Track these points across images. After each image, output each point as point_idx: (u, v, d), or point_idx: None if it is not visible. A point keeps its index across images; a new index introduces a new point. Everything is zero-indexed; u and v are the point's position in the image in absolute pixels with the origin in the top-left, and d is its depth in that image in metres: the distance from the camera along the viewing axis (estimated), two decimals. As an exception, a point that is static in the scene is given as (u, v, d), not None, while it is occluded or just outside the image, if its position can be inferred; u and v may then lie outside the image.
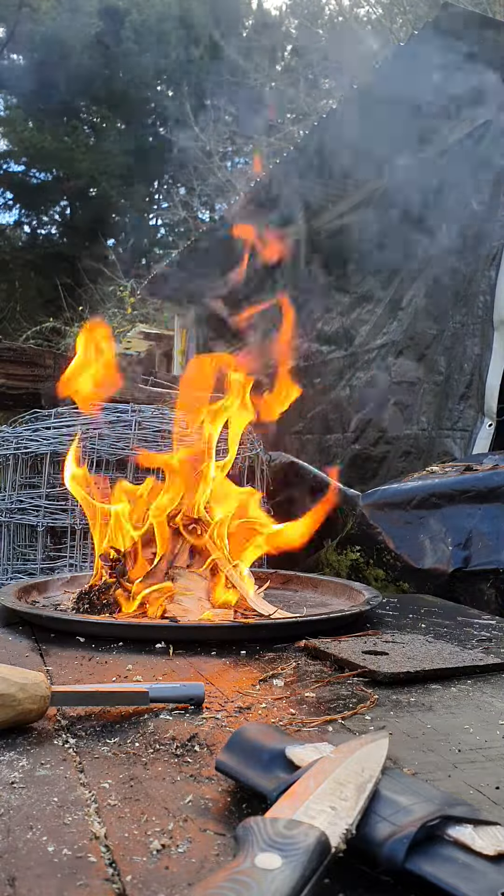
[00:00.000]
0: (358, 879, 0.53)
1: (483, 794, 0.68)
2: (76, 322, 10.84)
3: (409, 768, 0.73)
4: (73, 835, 0.58)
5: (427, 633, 1.31)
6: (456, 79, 3.06)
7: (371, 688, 1.00)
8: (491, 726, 0.87)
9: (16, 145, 15.85)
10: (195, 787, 0.68)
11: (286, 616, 1.39)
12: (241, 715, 0.88)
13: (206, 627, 1.27)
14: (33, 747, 0.77)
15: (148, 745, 0.78)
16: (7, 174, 16.73)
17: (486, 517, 2.11)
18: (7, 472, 2.61)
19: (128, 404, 2.59)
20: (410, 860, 0.51)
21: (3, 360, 3.07)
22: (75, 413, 2.57)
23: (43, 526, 2.47)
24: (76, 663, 1.09)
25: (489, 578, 2.00)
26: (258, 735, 0.70)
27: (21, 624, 1.34)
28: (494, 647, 1.22)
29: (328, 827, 0.50)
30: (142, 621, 1.32)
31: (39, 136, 15.12)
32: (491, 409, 3.21)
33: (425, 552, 2.19)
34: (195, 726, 0.84)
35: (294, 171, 4.22)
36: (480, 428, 3.22)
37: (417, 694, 0.98)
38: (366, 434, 3.90)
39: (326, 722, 0.86)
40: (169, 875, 0.53)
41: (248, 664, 1.11)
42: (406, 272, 3.79)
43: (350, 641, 1.20)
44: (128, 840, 0.58)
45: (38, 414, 2.67)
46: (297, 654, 1.18)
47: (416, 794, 0.59)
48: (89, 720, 0.85)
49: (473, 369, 3.29)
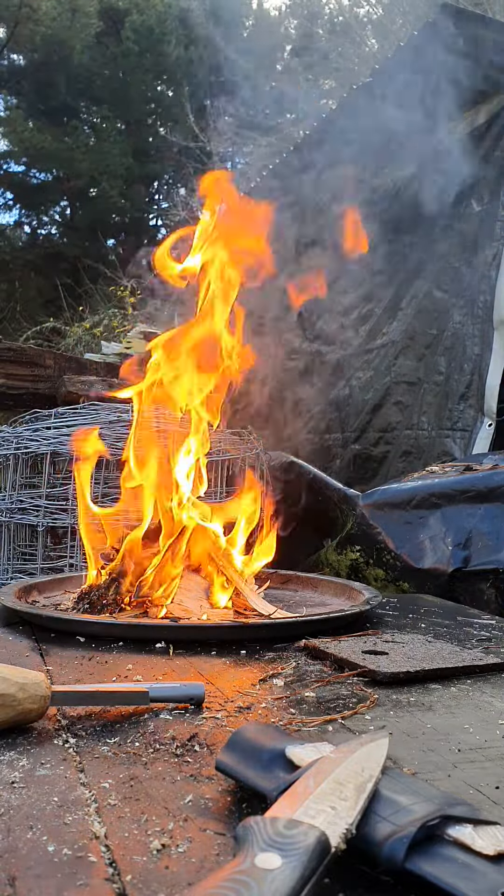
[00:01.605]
0: (358, 879, 0.53)
1: (483, 794, 0.68)
2: (76, 322, 10.84)
3: (409, 768, 0.73)
4: (73, 834, 0.59)
5: (427, 633, 1.31)
6: (458, 77, 3.06)
7: (371, 688, 1.00)
8: (491, 726, 0.87)
9: (16, 145, 15.85)
10: (195, 786, 0.68)
11: (286, 616, 1.39)
12: (241, 715, 0.88)
13: (206, 627, 1.27)
14: (33, 747, 0.77)
15: (148, 744, 0.78)
16: (7, 174, 16.73)
17: (486, 517, 2.11)
18: (7, 472, 2.61)
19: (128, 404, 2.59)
20: (410, 860, 0.51)
21: (4, 361, 3.07)
22: (75, 413, 2.57)
23: (43, 526, 2.47)
24: (76, 663, 1.09)
25: (489, 578, 2.00)
26: (258, 735, 0.70)
27: (21, 624, 1.34)
28: (494, 647, 1.22)
29: (328, 827, 0.50)
30: (142, 621, 1.32)
31: (39, 136, 15.11)
32: (491, 409, 3.21)
33: (425, 552, 2.19)
34: (195, 726, 0.84)
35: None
36: (480, 428, 3.22)
37: (417, 694, 0.98)
38: (366, 434, 3.90)
39: (326, 722, 0.86)
40: (169, 875, 0.53)
41: (248, 664, 1.12)
42: (406, 272, 3.79)
43: (350, 641, 1.20)
44: (128, 840, 0.58)
45: (38, 414, 2.67)
46: (297, 654, 1.18)
47: (415, 793, 0.59)
48: (89, 720, 0.85)
49: (473, 369, 3.29)
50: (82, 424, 2.49)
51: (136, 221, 17.12)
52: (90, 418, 2.52)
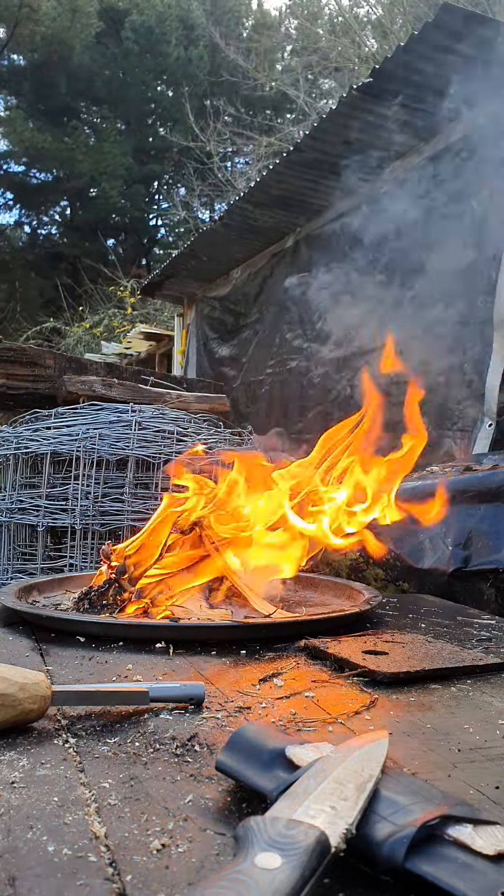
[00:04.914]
0: (358, 879, 0.53)
1: (483, 793, 0.68)
2: (76, 322, 10.85)
3: (409, 768, 0.73)
4: (73, 834, 0.58)
5: (427, 633, 1.31)
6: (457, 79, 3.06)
7: (371, 688, 1.00)
8: (490, 726, 0.87)
9: (16, 145, 15.86)
10: (195, 786, 0.68)
11: (286, 616, 1.39)
12: (241, 715, 0.88)
13: (206, 627, 1.27)
14: (33, 747, 0.77)
15: (148, 744, 0.78)
16: (7, 174, 16.74)
17: (486, 517, 2.11)
18: (7, 472, 2.61)
19: (127, 404, 2.59)
20: (410, 860, 0.51)
21: (4, 361, 3.07)
22: (75, 413, 2.57)
23: (43, 526, 2.47)
24: (76, 663, 1.09)
25: (489, 578, 2.00)
26: (258, 735, 0.70)
27: (21, 624, 1.34)
28: (494, 647, 1.22)
29: (328, 827, 0.50)
30: (142, 621, 1.32)
31: (39, 136, 15.12)
32: (491, 409, 3.21)
33: (425, 552, 2.19)
34: (195, 726, 0.84)
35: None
36: (480, 428, 3.22)
37: (417, 694, 0.98)
38: (366, 434, 3.89)
39: (326, 722, 0.86)
40: (169, 875, 0.53)
41: (248, 664, 1.11)
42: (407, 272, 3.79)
43: (350, 641, 1.20)
44: (128, 840, 0.58)
45: (38, 414, 2.67)
46: (297, 654, 1.18)
47: (415, 793, 0.59)
48: (89, 720, 0.85)
49: (473, 369, 3.30)
50: (82, 424, 2.49)
51: (136, 221, 17.13)
52: (90, 418, 2.52)
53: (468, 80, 2.95)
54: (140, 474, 2.48)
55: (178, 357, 7.10)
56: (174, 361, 7.30)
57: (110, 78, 16.07)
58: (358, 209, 4.17)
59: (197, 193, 12.09)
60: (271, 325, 5.31)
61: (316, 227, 4.82)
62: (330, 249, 4.41)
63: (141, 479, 2.48)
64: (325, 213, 4.68)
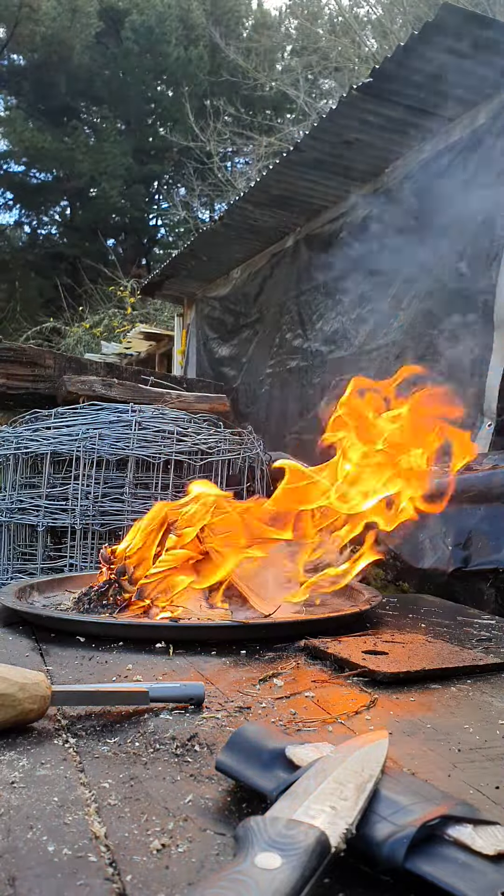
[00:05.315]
0: (358, 879, 0.53)
1: (483, 794, 0.68)
2: (76, 322, 10.85)
3: (409, 768, 0.73)
4: (73, 834, 0.58)
5: (427, 633, 1.31)
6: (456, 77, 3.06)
7: (371, 688, 1.00)
8: (490, 726, 0.87)
9: (16, 145, 15.85)
10: (195, 786, 0.68)
11: (286, 616, 1.39)
12: (241, 715, 0.88)
13: (206, 627, 1.27)
14: (33, 747, 0.77)
15: (148, 744, 0.78)
16: (7, 174, 16.73)
17: (486, 517, 2.11)
18: (7, 472, 2.61)
19: (127, 404, 2.59)
20: (410, 860, 0.51)
21: (4, 361, 3.07)
22: (75, 413, 2.57)
23: (43, 526, 2.47)
24: (76, 663, 1.09)
25: (489, 578, 2.00)
26: (258, 735, 0.70)
27: (21, 624, 1.34)
28: (494, 647, 1.22)
29: (328, 827, 0.50)
30: (142, 621, 1.32)
31: (39, 135, 15.12)
32: (491, 409, 3.21)
33: (425, 552, 2.19)
34: (195, 726, 0.84)
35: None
36: (480, 428, 3.22)
37: (417, 694, 0.98)
38: (366, 434, 3.89)
39: (326, 722, 0.86)
40: (169, 875, 0.53)
41: (248, 664, 1.12)
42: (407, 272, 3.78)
43: (350, 641, 1.20)
44: (128, 840, 0.58)
45: (38, 414, 2.67)
46: (297, 654, 1.18)
47: (415, 793, 0.59)
48: (89, 720, 0.85)
49: (473, 369, 3.29)
50: (82, 424, 2.49)
51: (136, 221, 17.13)
52: (90, 418, 2.52)
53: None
54: (140, 474, 2.48)
55: (178, 357, 7.11)
56: (174, 361, 7.30)
57: (110, 78, 16.06)
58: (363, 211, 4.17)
59: (197, 193, 12.10)
60: (271, 325, 5.31)
61: (316, 226, 4.81)
62: (330, 246, 4.41)
63: (141, 479, 2.48)
64: (325, 213, 4.68)
